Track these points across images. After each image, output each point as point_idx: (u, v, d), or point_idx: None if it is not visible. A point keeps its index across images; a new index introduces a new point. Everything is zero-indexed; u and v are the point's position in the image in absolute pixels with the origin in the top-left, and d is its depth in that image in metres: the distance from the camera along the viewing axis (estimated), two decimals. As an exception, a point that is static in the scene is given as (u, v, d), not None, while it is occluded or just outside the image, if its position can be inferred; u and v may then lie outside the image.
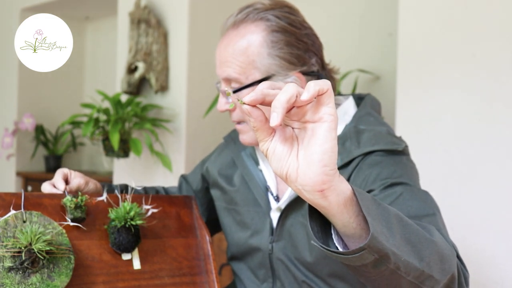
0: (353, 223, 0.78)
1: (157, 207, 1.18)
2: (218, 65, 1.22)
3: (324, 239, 0.82)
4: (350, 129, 1.17)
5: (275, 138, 0.75)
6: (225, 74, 1.19)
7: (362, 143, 1.13)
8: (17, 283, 0.97)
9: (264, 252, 1.24)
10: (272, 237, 1.22)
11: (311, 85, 0.71)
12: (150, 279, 1.12)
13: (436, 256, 0.85)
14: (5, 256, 0.98)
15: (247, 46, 1.17)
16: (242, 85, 1.17)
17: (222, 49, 1.21)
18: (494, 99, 1.86)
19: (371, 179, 1.08)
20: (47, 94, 4.12)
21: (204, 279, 1.18)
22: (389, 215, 0.81)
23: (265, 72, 1.17)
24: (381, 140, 1.13)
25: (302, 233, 1.17)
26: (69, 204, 1.08)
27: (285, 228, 1.20)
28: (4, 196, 1.05)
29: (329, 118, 0.72)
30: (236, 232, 1.31)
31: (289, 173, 0.74)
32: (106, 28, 4.16)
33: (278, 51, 1.17)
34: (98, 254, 1.09)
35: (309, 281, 1.18)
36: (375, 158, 1.11)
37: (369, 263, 0.78)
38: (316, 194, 0.74)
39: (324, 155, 0.72)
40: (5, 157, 3.85)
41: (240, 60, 1.17)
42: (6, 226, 1.00)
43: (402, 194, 1.03)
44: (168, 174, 2.91)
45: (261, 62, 1.17)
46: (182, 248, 1.19)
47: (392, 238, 0.79)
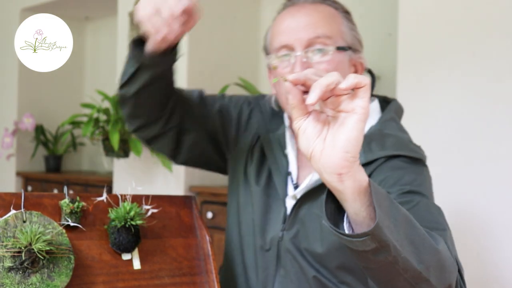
0: (363, 212, 0.83)
1: (157, 207, 1.18)
2: (300, 28, 1.16)
3: (335, 224, 0.87)
4: (376, 131, 1.19)
5: (308, 119, 0.83)
6: (317, 32, 1.15)
7: (387, 146, 1.15)
8: (17, 283, 0.97)
9: (274, 240, 1.22)
10: (284, 225, 1.21)
11: (351, 77, 0.78)
12: (150, 279, 1.12)
13: (436, 263, 0.89)
14: (5, 256, 0.98)
15: (334, 15, 1.19)
16: (331, 47, 1.16)
17: (304, 15, 1.18)
18: (494, 99, 1.86)
19: (390, 181, 1.10)
20: (47, 94, 4.12)
21: (204, 279, 1.18)
22: (398, 213, 0.86)
23: (349, 43, 1.19)
24: (405, 146, 1.17)
25: (315, 224, 1.17)
26: (65, 207, 1.08)
27: (298, 217, 1.19)
28: (4, 196, 1.05)
29: (361, 111, 0.78)
30: (243, 213, 1.29)
31: (314, 153, 0.81)
32: (106, 28, 4.16)
33: (354, 31, 1.22)
34: (98, 254, 1.09)
35: (315, 272, 1.17)
36: (398, 163, 1.13)
37: (370, 250, 0.83)
38: (334, 177, 0.81)
39: (348, 142, 0.79)
40: (5, 157, 3.85)
41: (331, 24, 1.17)
42: (6, 226, 1.00)
43: (418, 204, 1.06)
44: (168, 174, 2.91)
45: (346, 33, 1.19)
46: (182, 248, 1.19)
47: (396, 234, 0.84)
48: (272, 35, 1.22)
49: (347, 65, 1.19)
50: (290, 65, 1.17)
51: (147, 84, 1.21)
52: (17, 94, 4.01)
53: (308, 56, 1.15)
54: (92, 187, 3.46)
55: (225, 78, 2.92)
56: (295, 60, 1.15)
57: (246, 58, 3.14)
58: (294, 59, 1.15)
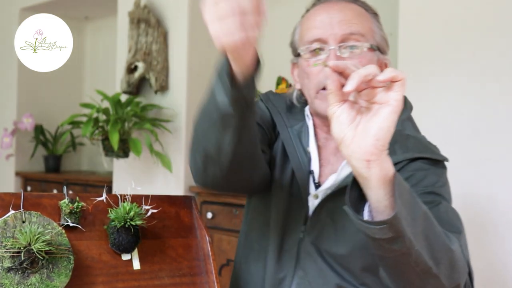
0: (386, 201, 0.86)
1: (156, 207, 1.17)
2: (334, 23, 1.17)
3: (357, 208, 0.91)
4: (397, 132, 1.19)
5: (343, 107, 0.86)
6: (351, 29, 1.16)
7: (410, 148, 1.17)
8: (16, 283, 0.97)
9: (293, 241, 1.21)
10: (305, 226, 1.20)
11: (389, 70, 0.82)
12: (149, 280, 1.12)
13: (448, 262, 0.92)
14: (4, 256, 0.98)
15: (365, 15, 1.21)
16: (365, 44, 1.17)
17: (338, 11, 1.19)
18: (494, 99, 1.86)
19: (413, 182, 1.12)
20: (46, 94, 4.12)
21: (204, 279, 1.17)
22: (418, 208, 0.90)
23: (378, 43, 1.21)
24: (427, 148, 1.20)
25: (337, 225, 1.16)
26: (64, 208, 1.08)
27: (320, 218, 1.18)
28: (3, 196, 1.05)
29: (395, 103, 0.82)
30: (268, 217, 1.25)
31: (345, 138, 0.85)
32: (105, 28, 4.16)
33: (383, 32, 1.24)
34: (97, 255, 1.09)
35: (335, 275, 1.16)
36: (421, 165, 1.15)
37: (386, 239, 0.86)
38: (363, 163, 0.84)
39: (379, 131, 0.83)
40: (5, 157, 3.84)
41: (364, 23, 1.19)
42: (5, 226, 1.00)
43: (438, 206, 1.09)
44: (168, 174, 2.91)
45: (376, 33, 1.21)
46: (182, 249, 1.19)
47: (412, 227, 0.87)
48: (303, 29, 1.22)
49: (375, 65, 1.20)
50: (322, 59, 1.17)
51: (239, 130, 1.02)
52: (16, 94, 4.01)
53: (341, 51, 1.16)
54: (92, 187, 3.46)
55: (225, 78, 2.91)
56: (328, 54, 1.16)
57: (246, 58, 3.14)
58: (327, 53, 1.16)
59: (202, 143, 1.08)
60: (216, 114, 1.00)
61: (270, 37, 3.18)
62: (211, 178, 1.11)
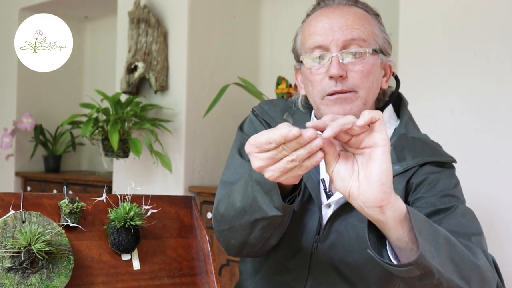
0: (405, 237, 0.89)
1: (156, 208, 1.17)
2: (335, 29, 1.16)
3: (379, 249, 0.93)
4: (402, 136, 1.21)
5: (339, 162, 0.88)
6: (352, 35, 1.15)
7: (418, 153, 1.18)
8: (16, 283, 0.97)
9: (305, 252, 1.19)
10: (318, 236, 1.18)
11: (365, 113, 0.83)
12: (149, 280, 1.12)
13: (477, 277, 0.96)
14: (4, 256, 0.98)
15: (367, 17, 1.19)
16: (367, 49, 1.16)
17: (339, 16, 1.17)
18: (495, 99, 1.86)
19: (427, 186, 1.15)
20: (46, 94, 4.12)
21: (204, 279, 1.17)
22: (438, 236, 0.92)
23: (381, 45, 1.19)
24: (435, 151, 1.21)
25: (351, 234, 1.16)
26: (64, 208, 1.08)
27: (334, 228, 1.17)
28: (3, 196, 1.05)
29: (383, 143, 0.84)
30: None
31: (352, 191, 0.87)
32: (105, 27, 4.16)
33: (385, 33, 1.22)
34: (97, 255, 1.09)
35: (346, 283, 1.16)
36: (432, 168, 1.17)
37: (415, 277, 0.89)
38: (376, 210, 0.86)
39: (381, 175, 0.84)
40: (4, 157, 3.84)
41: (365, 27, 1.17)
42: (5, 227, 1.00)
43: (456, 210, 1.11)
44: (167, 174, 2.91)
45: (378, 36, 1.19)
46: (182, 249, 1.19)
47: (438, 258, 0.90)
48: (305, 35, 1.20)
49: (379, 68, 1.20)
50: (325, 66, 1.16)
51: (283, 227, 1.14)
52: (16, 94, 4.00)
53: (343, 57, 1.15)
54: (92, 187, 3.46)
55: (225, 78, 2.92)
56: (331, 61, 1.15)
57: (246, 58, 3.14)
58: (329, 60, 1.15)
59: (240, 234, 1.13)
60: (261, 218, 1.06)
61: (270, 37, 3.18)
62: (246, 255, 1.21)
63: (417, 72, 2.02)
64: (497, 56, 1.84)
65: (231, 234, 1.14)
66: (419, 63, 2.02)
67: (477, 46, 1.88)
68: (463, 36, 1.92)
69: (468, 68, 1.90)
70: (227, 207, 1.13)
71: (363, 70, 1.15)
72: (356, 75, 1.15)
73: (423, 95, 1.99)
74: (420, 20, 2.02)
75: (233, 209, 1.10)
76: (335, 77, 1.14)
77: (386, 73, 1.24)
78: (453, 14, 1.94)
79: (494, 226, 1.83)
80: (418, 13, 2.02)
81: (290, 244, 1.21)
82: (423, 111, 1.97)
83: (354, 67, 1.15)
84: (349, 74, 1.14)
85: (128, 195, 1.14)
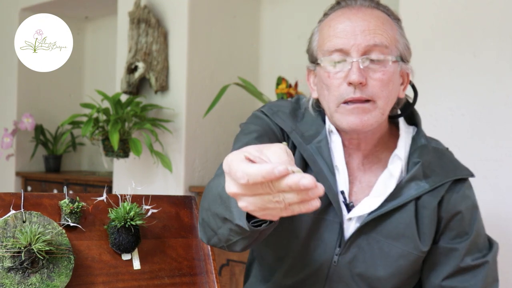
0: None
1: (157, 207, 1.17)
2: (357, 33, 1.10)
3: None
4: (424, 148, 1.20)
5: None
6: (375, 40, 1.10)
7: (447, 169, 1.19)
8: (17, 283, 0.97)
9: (323, 264, 1.15)
10: (339, 249, 1.14)
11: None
12: (150, 279, 1.12)
13: None
14: (5, 256, 0.98)
15: (389, 22, 1.14)
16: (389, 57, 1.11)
17: (361, 19, 1.11)
18: (494, 100, 1.86)
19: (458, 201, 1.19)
20: (46, 94, 4.12)
21: (204, 279, 1.18)
22: None
23: (401, 52, 1.15)
24: (460, 166, 1.23)
25: (374, 248, 1.13)
26: (64, 207, 1.08)
27: (357, 241, 1.14)
28: (4, 196, 1.05)
29: None
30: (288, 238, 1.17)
31: None
32: (105, 28, 4.16)
33: (405, 39, 1.16)
34: (98, 254, 1.09)
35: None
36: (461, 185, 1.21)
37: None
38: None
39: None
40: (5, 157, 3.84)
41: (388, 32, 1.12)
42: (5, 226, 1.00)
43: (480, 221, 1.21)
44: (168, 174, 2.91)
45: (399, 42, 1.14)
46: (182, 248, 1.19)
47: None
48: (323, 36, 1.14)
49: (398, 76, 1.16)
50: (344, 71, 1.11)
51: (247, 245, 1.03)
52: (16, 94, 4.00)
53: (364, 63, 1.10)
54: (92, 187, 3.46)
55: (225, 78, 2.92)
56: (351, 66, 1.09)
57: (246, 58, 3.14)
58: (349, 65, 1.10)
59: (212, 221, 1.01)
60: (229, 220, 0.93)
61: (270, 37, 3.18)
62: (213, 244, 1.08)
63: (416, 72, 2.01)
64: (497, 56, 1.84)
65: (207, 216, 1.03)
66: (418, 63, 2.02)
67: (477, 46, 1.88)
68: (463, 36, 1.92)
69: (468, 68, 1.90)
70: (210, 186, 1.04)
71: (383, 79, 1.11)
72: (376, 83, 1.10)
73: (422, 95, 1.99)
74: (420, 19, 2.02)
75: (211, 193, 1.00)
76: (354, 84, 1.09)
77: (403, 81, 1.19)
78: (452, 15, 1.94)
79: (494, 226, 1.83)
80: (418, 13, 2.03)
81: (305, 254, 1.16)
82: (422, 111, 1.97)
83: (374, 75, 1.10)
84: (368, 82, 1.09)
85: (129, 195, 1.14)
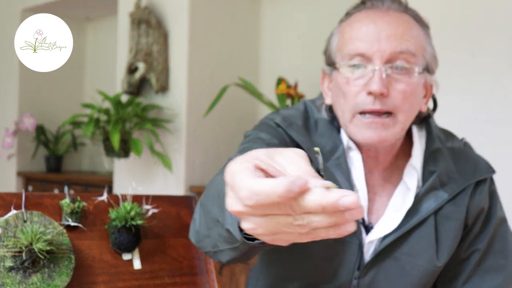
0: None
1: (157, 207, 1.18)
2: (382, 38, 1.01)
3: None
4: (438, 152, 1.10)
5: None
6: (401, 47, 1.00)
7: (464, 173, 1.12)
8: (18, 283, 0.97)
9: (342, 284, 1.09)
10: (359, 271, 1.08)
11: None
12: (150, 279, 1.12)
13: None
14: (6, 256, 0.98)
15: (417, 29, 1.05)
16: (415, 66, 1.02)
17: (387, 23, 1.02)
18: (493, 99, 1.86)
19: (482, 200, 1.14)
20: (47, 94, 4.13)
21: (204, 279, 1.18)
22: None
23: (428, 62, 1.06)
24: (484, 165, 1.16)
25: (395, 268, 1.08)
26: (65, 207, 1.08)
27: (377, 262, 1.08)
28: (5, 196, 1.06)
29: None
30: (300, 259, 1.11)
31: None
32: (106, 28, 4.17)
33: (433, 48, 1.07)
34: (98, 254, 1.10)
35: None
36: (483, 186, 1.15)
37: None
38: None
39: None
40: (6, 157, 3.85)
41: (416, 39, 1.03)
42: (6, 226, 1.01)
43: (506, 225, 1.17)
44: (168, 174, 2.91)
45: (427, 51, 1.05)
46: (182, 248, 1.19)
47: None
48: (344, 38, 1.05)
49: (421, 88, 1.07)
50: (364, 78, 1.01)
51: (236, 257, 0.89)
52: (17, 94, 4.01)
53: (387, 72, 1.00)
54: (93, 187, 3.46)
55: (225, 78, 2.92)
56: (373, 74, 1.00)
57: (246, 58, 3.15)
58: (371, 73, 1.00)
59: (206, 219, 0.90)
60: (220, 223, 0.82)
61: (270, 37, 3.18)
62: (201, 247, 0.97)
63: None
64: (495, 56, 1.85)
65: (203, 211, 0.93)
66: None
67: (474, 46, 1.89)
68: (461, 36, 1.92)
69: (466, 68, 1.91)
70: (212, 182, 0.94)
71: (407, 90, 1.01)
72: (398, 95, 1.00)
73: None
74: (420, 20, 2.02)
75: (211, 189, 0.90)
76: (375, 94, 0.99)
77: (426, 93, 1.09)
78: (452, 15, 1.95)
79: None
80: (418, 13, 2.03)
81: (320, 277, 1.10)
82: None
83: (398, 85, 1.01)
84: (390, 93, 1.00)
85: (129, 195, 1.14)
